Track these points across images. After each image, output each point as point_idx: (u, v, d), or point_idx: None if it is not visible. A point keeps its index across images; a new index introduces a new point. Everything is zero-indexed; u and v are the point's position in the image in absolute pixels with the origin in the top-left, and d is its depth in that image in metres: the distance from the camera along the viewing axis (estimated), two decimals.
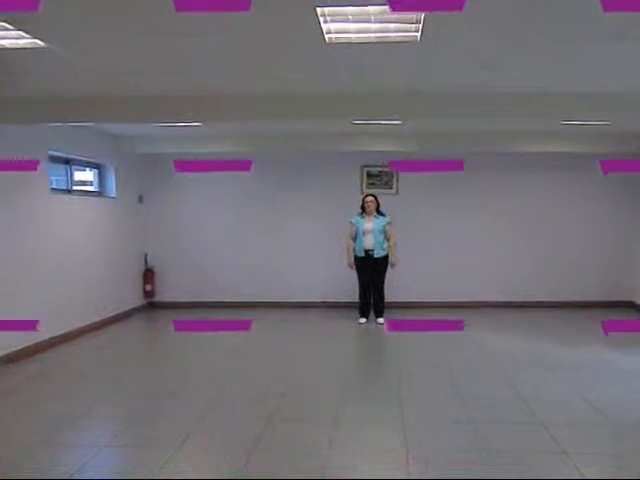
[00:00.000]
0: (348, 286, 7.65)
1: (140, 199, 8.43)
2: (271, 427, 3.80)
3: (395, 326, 6.91)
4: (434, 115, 5.46)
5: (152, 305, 8.55)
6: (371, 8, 3.08)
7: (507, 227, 8.38)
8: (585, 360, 5.51)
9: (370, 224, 7.15)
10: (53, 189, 6.48)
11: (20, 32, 3.35)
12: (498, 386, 4.69)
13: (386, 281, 7.33)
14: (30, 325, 5.56)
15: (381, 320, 7.32)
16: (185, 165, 7.76)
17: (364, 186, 8.39)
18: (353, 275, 7.38)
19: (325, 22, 3.24)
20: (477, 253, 8.37)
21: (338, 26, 3.33)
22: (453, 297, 8.34)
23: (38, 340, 5.83)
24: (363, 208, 7.28)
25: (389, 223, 7.13)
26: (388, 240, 7.16)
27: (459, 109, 5.14)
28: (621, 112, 5.24)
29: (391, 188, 8.40)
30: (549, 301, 8.31)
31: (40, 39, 3.49)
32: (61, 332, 6.24)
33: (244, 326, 6.60)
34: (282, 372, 5.09)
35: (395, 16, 3.18)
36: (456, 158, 8.14)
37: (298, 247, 8.49)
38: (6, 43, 3.53)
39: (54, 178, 6.69)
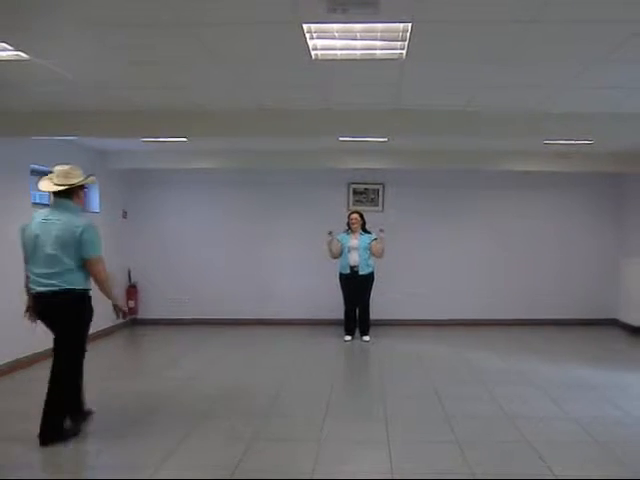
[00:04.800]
0: (334, 303, 7.62)
1: (124, 214, 8.35)
2: (255, 446, 3.72)
3: (380, 344, 6.86)
4: (419, 133, 5.51)
5: (134, 322, 8.42)
6: (357, 25, 3.11)
7: (491, 245, 8.43)
8: (569, 377, 5.51)
9: (355, 241, 7.14)
10: (35, 203, 6.39)
11: (3, 44, 3.32)
12: (483, 404, 4.66)
13: (371, 299, 7.31)
14: None
15: (366, 338, 7.28)
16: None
17: (350, 203, 8.41)
18: (339, 293, 7.35)
19: (311, 38, 3.26)
20: (461, 271, 8.40)
21: (324, 42, 3.35)
22: (438, 315, 8.33)
23: (15, 358, 5.69)
24: (349, 225, 7.28)
25: (374, 240, 7.12)
26: (376, 252, 7.11)
27: (444, 127, 5.19)
28: (603, 131, 5.32)
29: (377, 205, 8.43)
30: (533, 319, 8.33)
31: (23, 52, 3.46)
32: (41, 349, 6.09)
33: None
34: (266, 390, 5.01)
35: (380, 33, 3.21)
36: (441, 176, 8.27)
37: (284, 264, 8.46)
38: None
39: (37, 193, 6.60)
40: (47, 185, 3.85)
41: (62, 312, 3.75)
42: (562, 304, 8.39)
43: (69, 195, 3.85)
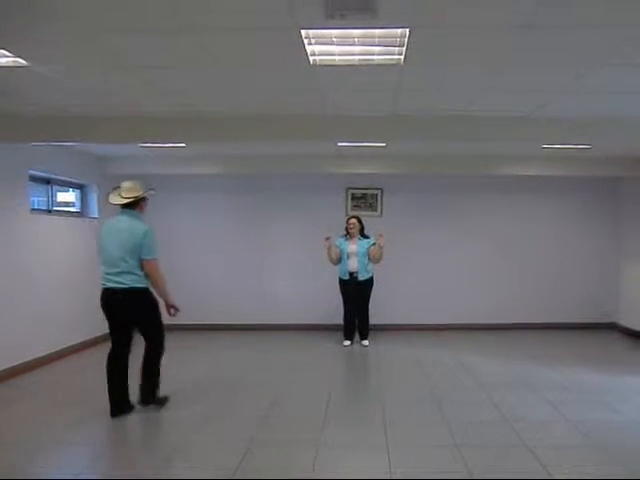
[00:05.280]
0: (333, 308, 7.61)
1: None
2: (253, 450, 3.71)
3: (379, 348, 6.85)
4: (418, 138, 5.52)
5: None
6: (355, 31, 3.12)
7: (489, 249, 8.43)
8: (568, 381, 5.51)
9: (354, 246, 7.14)
10: (34, 209, 6.39)
11: (2, 51, 3.33)
12: (482, 408, 4.66)
13: (370, 303, 7.30)
14: None
15: (365, 342, 7.27)
16: None
17: (349, 208, 8.42)
18: (338, 297, 7.34)
19: (310, 44, 3.27)
20: (460, 275, 8.41)
21: (322, 48, 3.36)
22: (436, 319, 8.33)
23: (13, 364, 5.68)
24: (347, 230, 7.28)
25: (373, 245, 7.11)
26: (374, 257, 7.11)
27: (442, 132, 5.20)
28: (601, 136, 5.34)
29: (375, 210, 8.44)
30: (532, 323, 8.34)
31: (22, 58, 3.47)
32: (38, 355, 6.09)
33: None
34: (265, 394, 5.00)
35: (378, 39, 3.22)
36: (439, 180, 8.29)
37: (283, 269, 8.46)
38: None
39: (35, 198, 6.61)
40: (116, 198, 4.55)
41: (132, 308, 4.35)
42: (560, 308, 8.39)
43: (133, 206, 4.52)
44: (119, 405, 4.37)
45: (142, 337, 4.50)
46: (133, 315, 4.39)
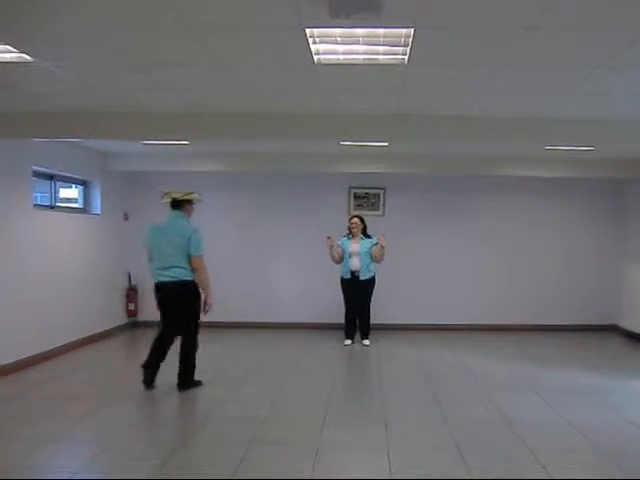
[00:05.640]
0: (334, 307, 7.61)
1: (125, 216, 8.36)
2: (253, 450, 3.71)
3: (380, 348, 6.85)
4: (421, 138, 5.51)
5: (134, 324, 8.42)
6: (359, 30, 3.12)
7: (491, 250, 8.42)
8: (569, 383, 5.50)
9: (356, 246, 7.13)
10: (36, 205, 6.40)
11: (7, 46, 3.33)
12: (483, 409, 4.65)
13: (372, 303, 7.30)
14: None
15: (366, 342, 7.27)
16: None
17: (351, 207, 8.41)
18: (339, 296, 7.34)
19: (314, 43, 3.27)
20: (461, 275, 8.40)
21: (327, 47, 3.36)
22: (438, 320, 8.32)
23: (17, 359, 5.69)
24: (350, 229, 7.27)
25: (375, 245, 7.10)
26: (376, 257, 7.11)
27: (446, 132, 5.20)
28: (604, 138, 5.33)
29: (377, 210, 8.44)
30: (533, 324, 8.33)
31: (27, 53, 3.47)
32: (40, 351, 6.10)
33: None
34: (266, 393, 5.01)
35: (383, 39, 3.22)
36: (442, 180, 8.28)
37: (284, 267, 8.46)
38: None
39: (38, 194, 6.62)
40: (165, 199, 5.17)
41: (179, 299, 4.88)
42: (563, 310, 8.38)
43: (180, 207, 5.08)
44: (149, 378, 4.97)
45: (180, 330, 4.98)
46: (179, 304, 4.90)
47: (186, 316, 4.95)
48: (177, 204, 5.10)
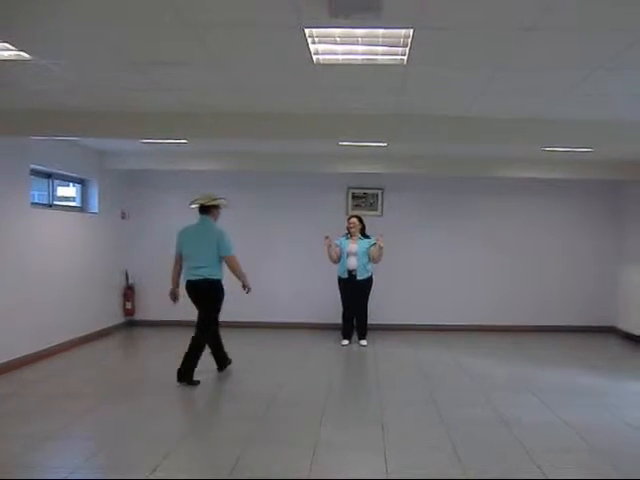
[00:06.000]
0: (331, 307, 7.61)
1: (123, 215, 8.35)
2: (249, 450, 3.71)
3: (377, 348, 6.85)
4: (419, 138, 5.51)
5: (132, 323, 8.41)
6: (358, 30, 3.11)
7: (489, 251, 8.42)
8: (566, 384, 5.52)
9: (354, 246, 7.13)
10: (34, 203, 6.39)
11: (5, 44, 3.32)
12: (481, 410, 4.65)
13: (369, 303, 7.30)
14: None
15: (364, 342, 7.27)
16: None
17: (350, 208, 8.41)
18: (337, 297, 7.34)
19: (313, 43, 3.27)
20: (460, 276, 8.40)
21: (326, 47, 3.35)
22: (436, 320, 8.33)
23: (13, 357, 5.68)
24: (348, 229, 7.27)
25: (373, 245, 7.10)
26: (374, 257, 7.11)
27: (444, 133, 5.19)
28: (603, 139, 5.33)
29: (376, 210, 8.44)
30: (531, 325, 8.34)
31: (25, 51, 3.46)
32: (37, 349, 6.09)
33: None
34: (263, 393, 5.00)
35: (382, 39, 3.22)
36: (440, 181, 8.29)
37: (282, 267, 8.45)
38: None
39: (35, 193, 6.60)
40: (194, 204, 5.54)
41: (206, 295, 5.36)
42: (561, 311, 8.38)
43: (208, 212, 5.49)
44: (221, 362, 5.71)
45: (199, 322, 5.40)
46: (205, 299, 5.37)
47: (207, 310, 5.37)
48: (205, 209, 5.48)
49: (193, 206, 5.52)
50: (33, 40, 3.31)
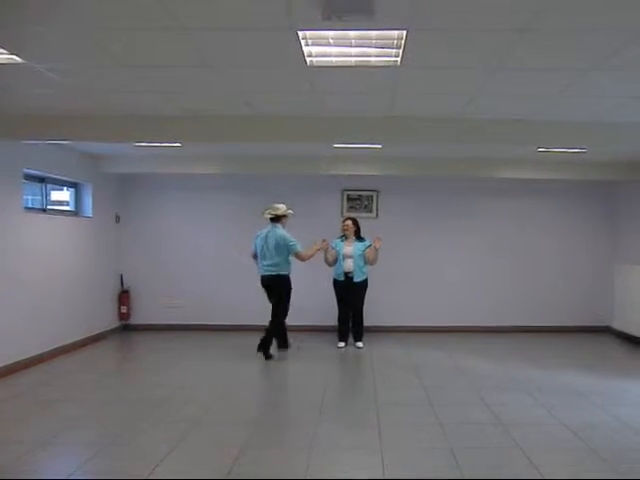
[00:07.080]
0: (327, 310, 7.60)
1: (117, 219, 8.32)
2: (246, 452, 3.69)
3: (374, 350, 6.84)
4: (414, 140, 5.51)
5: (127, 327, 8.37)
6: (352, 32, 3.12)
7: (485, 252, 8.44)
8: (562, 384, 5.52)
9: (350, 248, 7.13)
10: (27, 208, 6.35)
11: None
12: (477, 410, 4.65)
13: (365, 305, 7.29)
14: None
15: (360, 344, 7.26)
16: None
17: (344, 210, 8.41)
18: (332, 299, 7.33)
19: (307, 45, 3.27)
20: (456, 277, 8.41)
21: (319, 49, 3.35)
22: (432, 322, 8.33)
23: (6, 363, 5.64)
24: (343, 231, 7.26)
25: (368, 247, 7.10)
26: (369, 259, 7.10)
27: (438, 134, 5.20)
28: (597, 140, 5.35)
29: (371, 212, 8.44)
30: (527, 326, 8.34)
31: (18, 55, 3.45)
32: (32, 354, 6.06)
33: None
34: (259, 396, 4.99)
35: (375, 41, 3.22)
36: (435, 183, 8.29)
37: None
38: None
39: (29, 197, 6.57)
40: (266, 214, 6.64)
41: (277, 287, 6.58)
42: (556, 311, 8.40)
43: (279, 220, 6.65)
44: (281, 342, 6.92)
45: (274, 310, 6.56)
46: (276, 291, 6.56)
47: (278, 300, 6.56)
48: (276, 218, 6.60)
49: (266, 216, 6.55)
50: (26, 44, 3.29)
